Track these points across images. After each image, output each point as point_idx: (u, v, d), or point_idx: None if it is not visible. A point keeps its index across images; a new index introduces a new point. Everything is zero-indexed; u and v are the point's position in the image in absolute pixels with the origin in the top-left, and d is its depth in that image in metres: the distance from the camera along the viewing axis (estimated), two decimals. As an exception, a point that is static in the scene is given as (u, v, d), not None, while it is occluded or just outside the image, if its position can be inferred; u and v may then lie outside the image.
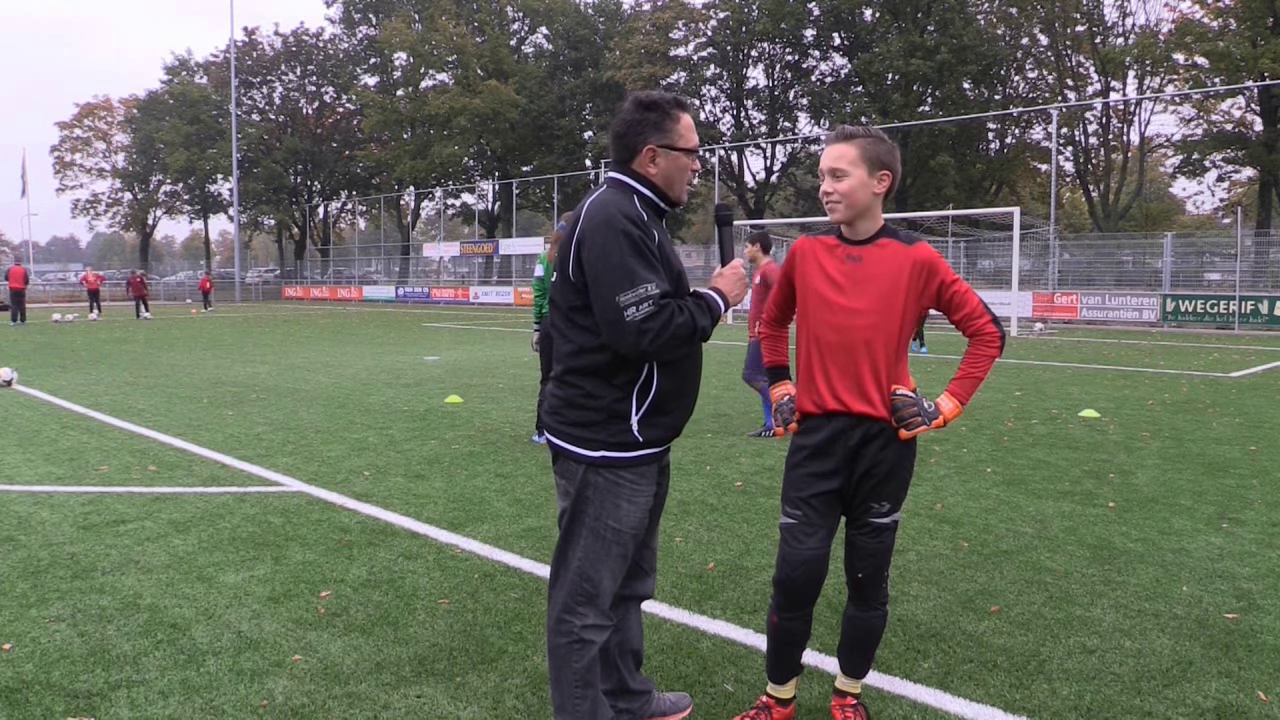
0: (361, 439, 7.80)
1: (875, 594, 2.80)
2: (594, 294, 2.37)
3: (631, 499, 2.52)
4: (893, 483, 2.71)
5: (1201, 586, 4.11)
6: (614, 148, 2.55)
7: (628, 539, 2.54)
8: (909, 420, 2.64)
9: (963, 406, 2.71)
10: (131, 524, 5.13)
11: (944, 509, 5.45)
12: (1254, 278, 26.03)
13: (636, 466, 2.51)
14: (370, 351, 16.77)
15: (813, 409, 2.73)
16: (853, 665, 2.89)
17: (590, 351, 2.45)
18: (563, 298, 2.50)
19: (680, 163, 2.53)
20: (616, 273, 2.33)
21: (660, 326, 2.33)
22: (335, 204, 64.56)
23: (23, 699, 3.07)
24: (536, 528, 5.07)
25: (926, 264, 2.65)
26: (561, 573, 2.56)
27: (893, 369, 2.68)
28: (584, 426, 2.48)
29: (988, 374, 2.72)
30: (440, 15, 50.19)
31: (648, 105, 2.50)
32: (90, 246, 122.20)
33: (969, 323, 2.69)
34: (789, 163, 47.76)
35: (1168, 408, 9.43)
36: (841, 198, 2.65)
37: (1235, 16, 33.24)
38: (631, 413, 2.47)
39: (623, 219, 2.37)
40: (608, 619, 2.58)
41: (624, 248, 2.34)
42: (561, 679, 2.54)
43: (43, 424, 8.62)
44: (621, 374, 2.45)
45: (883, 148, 2.65)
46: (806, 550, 2.69)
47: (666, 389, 2.50)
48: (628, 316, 2.31)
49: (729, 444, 7.54)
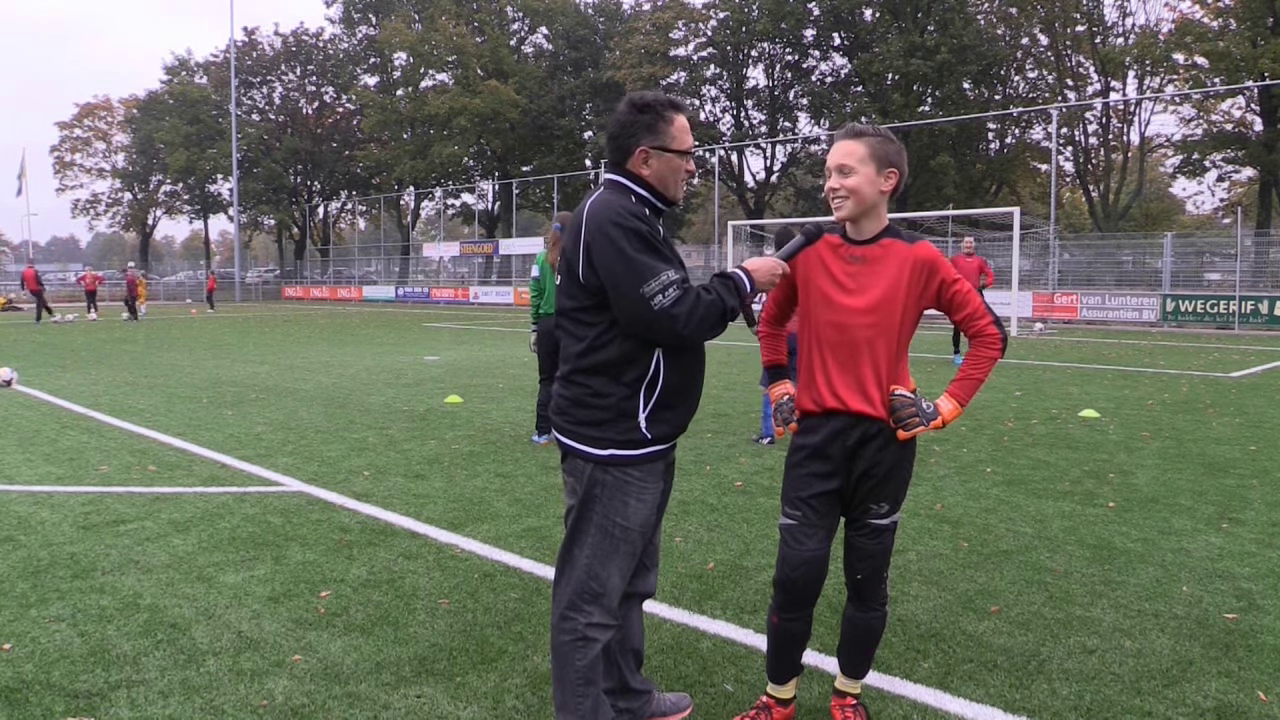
0: (361, 439, 7.80)
1: (875, 595, 2.80)
2: (615, 294, 2.39)
3: (639, 496, 2.53)
4: (891, 484, 2.71)
5: (1201, 586, 4.11)
6: (609, 149, 2.57)
7: (636, 537, 2.56)
8: (907, 421, 2.64)
9: (962, 408, 2.71)
10: (131, 524, 5.13)
11: (944, 509, 5.45)
12: (1254, 278, 26.03)
13: (644, 464, 2.52)
14: (370, 351, 16.76)
15: (812, 407, 2.73)
16: (852, 665, 2.89)
17: (598, 350, 2.47)
18: (571, 300, 2.51)
19: (673, 164, 2.54)
20: (634, 267, 2.36)
21: (690, 309, 2.36)
22: (335, 204, 64.58)
23: (23, 699, 3.07)
24: (536, 528, 5.07)
25: (928, 263, 2.65)
26: (567, 570, 2.57)
27: (893, 369, 2.68)
28: (592, 425, 2.49)
29: (988, 375, 2.72)
30: (440, 15, 50.19)
31: (641, 107, 2.52)
32: (90, 246, 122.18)
33: (970, 324, 2.69)
34: (789, 163, 47.74)
35: (1168, 408, 9.43)
36: (849, 194, 2.65)
37: (1235, 16, 33.23)
38: (639, 410, 2.48)
39: (627, 215, 2.40)
40: (613, 618, 2.58)
41: (634, 243, 2.37)
42: (564, 677, 2.54)
43: (43, 424, 8.62)
44: (629, 371, 2.47)
45: (891, 147, 2.66)
46: (806, 551, 2.69)
47: (673, 384, 2.52)
48: (655, 305, 2.34)
49: (729, 444, 7.54)
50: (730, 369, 13.41)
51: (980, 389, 2.76)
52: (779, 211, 49.74)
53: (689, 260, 45.68)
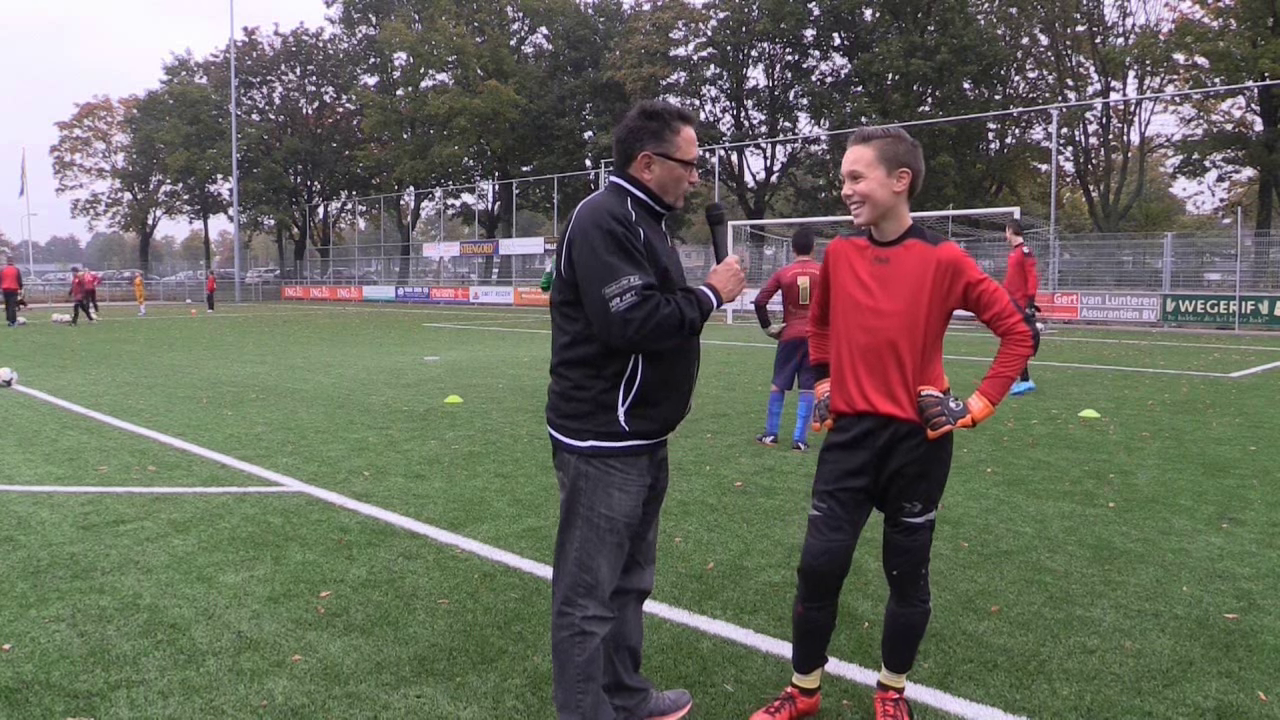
0: (361, 439, 7.80)
1: (914, 590, 2.83)
2: (583, 290, 2.48)
3: (623, 488, 2.57)
4: (924, 483, 2.74)
5: (1201, 586, 4.11)
6: (615, 151, 2.65)
7: (621, 527, 2.60)
8: (934, 420, 2.66)
9: (994, 406, 2.74)
10: (131, 524, 5.13)
11: (944, 509, 5.45)
12: (1254, 278, 26.03)
13: (625, 456, 2.57)
14: (370, 352, 16.76)
15: (845, 408, 2.79)
16: (895, 660, 2.92)
17: (579, 344, 2.55)
18: (559, 294, 2.59)
19: (675, 172, 2.60)
20: (601, 268, 2.43)
21: (645, 316, 2.40)
22: (335, 204, 64.58)
23: (23, 699, 3.07)
24: (536, 528, 5.07)
25: (951, 264, 2.67)
26: (561, 564, 2.63)
27: (921, 370, 2.70)
28: (575, 418, 2.56)
29: (1019, 373, 2.75)
30: (440, 15, 50.19)
31: (650, 114, 2.59)
32: (90, 246, 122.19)
33: (999, 322, 2.70)
34: (789, 163, 47.75)
35: (1168, 408, 9.43)
36: (862, 199, 2.68)
37: (1235, 16, 33.23)
38: (618, 403, 2.54)
39: (608, 218, 2.47)
40: (609, 610, 2.63)
41: (607, 244, 2.44)
42: (564, 674, 2.58)
43: (43, 424, 8.62)
44: (609, 366, 2.53)
45: (901, 147, 2.67)
46: (828, 541, 2.74)
47: (652, 380, 2.56)
48: (612, 308, 2.40)
49: (729, 444, 7.53)
50: (730, 369, 13.42)
51: (1011, 387, 2.79)
52: (779, 212, 49.74)
53: (688, 260, 45.69)
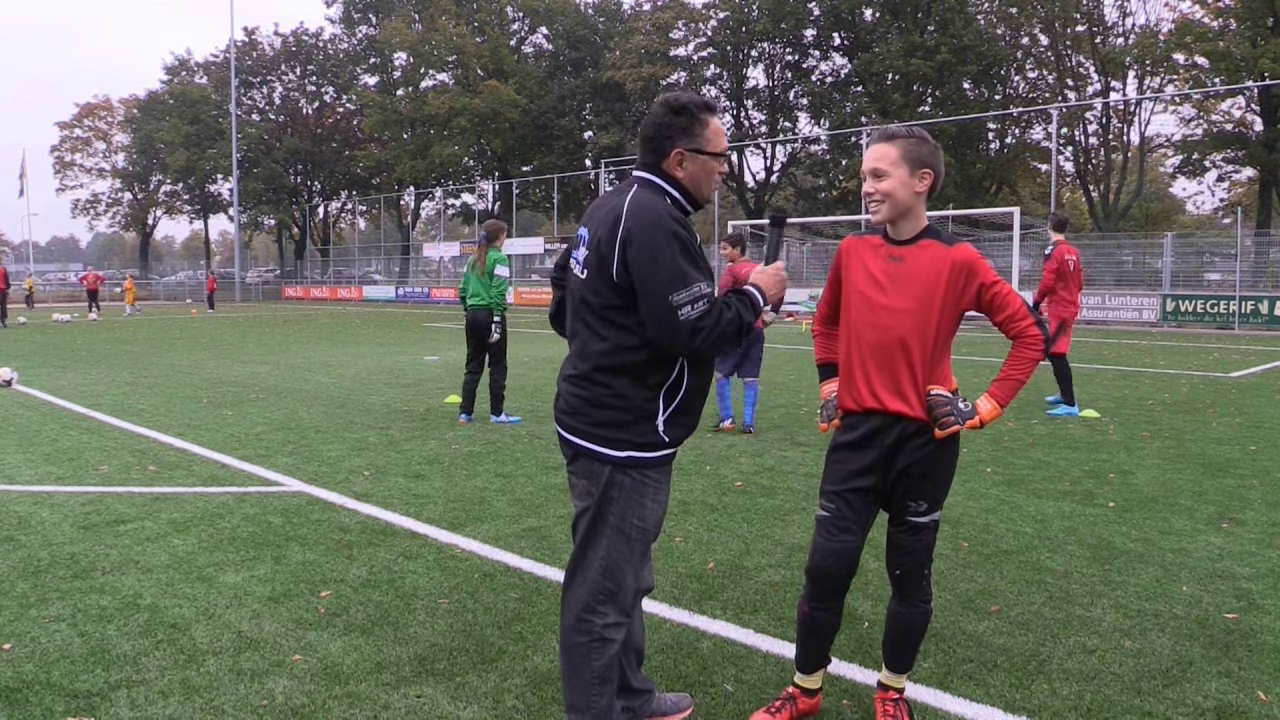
0: (361, 439, 7.79)
1: (916, 591, 2.83)
2: (643, 293, 2.37)
3: (655, 498, 2.55)
4: (930, 482, 2.74)
5: (1201, 586, 4.11)
6: (643, 150, 2.56)
7: (650, 537, 2.59)
8: (942, 420, 2.66)
9: (1002, 408, 2.73)
10: (131, 524, 5.13)
11: (944, 509, 5.44)
12: (1254, 278, 26.04)
13: (660, 466, 2.54)
14: (370, 351, 16.76)
15: (853, 406, 2.79)
16: (896, 660, 2.92)
17: (626, 351, 2.45)
18: (598, 297, 2.46)
19: (708, 166, 2.54)
20: (669, 273, 2.34)
21: (713, 324, 2.37)
22: (335, 204, 64.58)
23: (23, 699, 3.07)
24: (536, 528, 5.07)
25: (966, 265, 2.67)
26: (580, 572, 2.57)
27: (931, 369, 2.70)
28: (612, 427, 2.48)
29: (1030, 376, 2.75)
30: (440, 15, 50.18)
31: (677, 109, 2.50)
32: (90, 246, 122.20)
33: (1011, 325, 2.71)
34: (789, 163, 47.76)
35: (1168, 408, 9.43)
36: (884, 197, 2.68)
37: (1235, 16, 33.24)
38: (659, 413, 2.49)
39: (670, 220, 2.39)
40: (627, 616, 2.60)
41: (674, 248, 2.36)
42: (578, 677, 2.54)
43: (43, 424, 8.62)
44: (654, 374, 2.47)
45: (925, 148, 2.68)
46: (836, 542, 2.73)
47: (694, 389, 2.54)
48: (682, 316, 2.33)
49: (729, 444, 7.53)
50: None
51: (1022, 389, 2.78)
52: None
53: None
